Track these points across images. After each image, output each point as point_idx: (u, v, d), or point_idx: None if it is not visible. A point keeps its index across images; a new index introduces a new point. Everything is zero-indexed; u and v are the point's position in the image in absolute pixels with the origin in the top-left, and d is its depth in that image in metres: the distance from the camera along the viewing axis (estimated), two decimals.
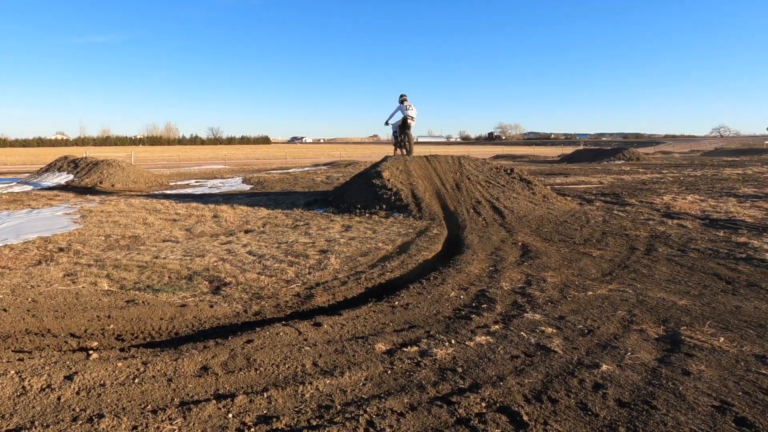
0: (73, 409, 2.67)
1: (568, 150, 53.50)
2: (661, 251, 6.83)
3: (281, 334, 3.80)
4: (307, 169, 29.39)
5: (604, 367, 3.25)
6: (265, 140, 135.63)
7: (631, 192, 14.40)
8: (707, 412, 2.70)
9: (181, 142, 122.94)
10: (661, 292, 5.02)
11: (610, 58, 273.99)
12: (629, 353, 3.48)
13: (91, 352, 3.46)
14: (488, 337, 3.75)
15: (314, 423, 2.57)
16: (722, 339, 3.76)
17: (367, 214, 10.19)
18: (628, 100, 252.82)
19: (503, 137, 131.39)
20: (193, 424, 2.55)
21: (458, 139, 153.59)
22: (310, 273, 5.84)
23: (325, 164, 34.37)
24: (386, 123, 13.64)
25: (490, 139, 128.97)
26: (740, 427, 2.57)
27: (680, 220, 9.34)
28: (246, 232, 8.56)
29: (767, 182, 16.97)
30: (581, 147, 59.26)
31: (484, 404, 2.77)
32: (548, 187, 13.88)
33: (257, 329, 3.94)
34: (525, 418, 2.62)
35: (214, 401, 2.77)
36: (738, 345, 3.65)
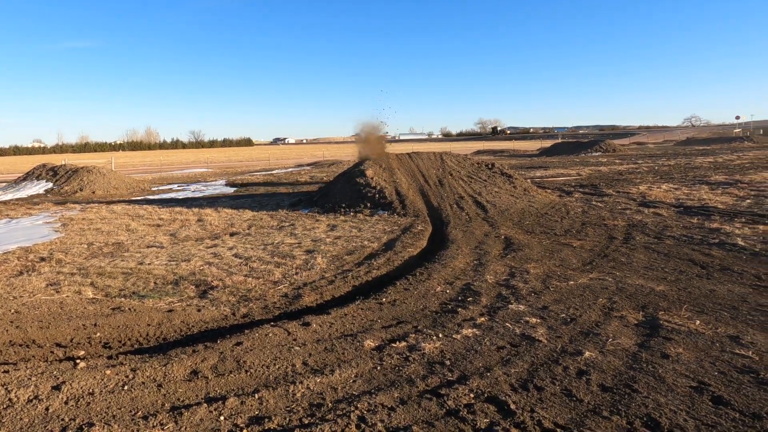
0: (62, 419, 2.66)
1: (547, 143, 54.23)
2: (639, 239, 7.02)
3: (270, 335, 3.82)
4: (290, 169, 29.23)
5: (587, 353, 3.35)
6: (247, 142, 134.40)
7: (608, 183, 14.71)
8: (686, 393, 2.82)
9: (163, 146, 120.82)
10: (640, 279, 5.17)
11: (584, 53, 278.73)
12: (610, 339, 3.59)
13: (78, 361, 3.43)
14: (475, 330, 3.83)
15: (306, 421, 2.60)
16: (698, 322, 3.90)
17: (351, 213, 10.22)
18: (603, 93, 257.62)
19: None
20: (185, 428, 2.56)
21: (439, 136, 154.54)
22: (297, 273, 5.85)
23: (308, 164, 34.24)
24: None
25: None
26: (717, 405, 2.69)
27: (656, 208, 9.60)
28: (231, 234, 8.51)
29: (737, 169, 17.50)
30: (559, 140, 60.17)
31: (472, 395, 2.84)
32: (528, 180, 14.09)
33: (246, 331, 3.95)
34: (512, 406, 2.70)
35: (206, 404, 2.78)
36: (713, 327, 3.79)
